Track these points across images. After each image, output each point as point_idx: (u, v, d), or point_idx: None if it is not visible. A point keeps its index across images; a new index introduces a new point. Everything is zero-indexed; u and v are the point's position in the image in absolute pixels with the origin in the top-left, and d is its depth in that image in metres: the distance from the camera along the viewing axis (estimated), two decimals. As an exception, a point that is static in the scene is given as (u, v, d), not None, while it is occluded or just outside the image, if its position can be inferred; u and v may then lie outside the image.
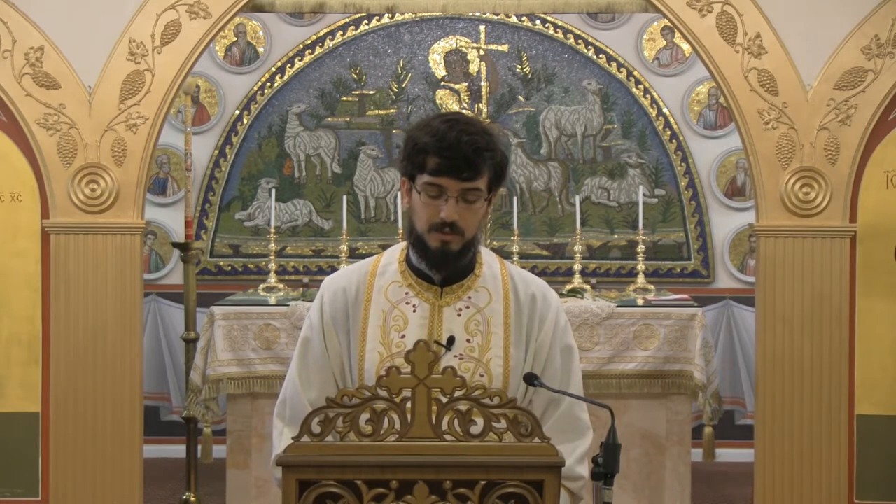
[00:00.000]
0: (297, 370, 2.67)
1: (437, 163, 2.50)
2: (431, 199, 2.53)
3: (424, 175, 2.52)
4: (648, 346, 5.38)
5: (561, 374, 2.66)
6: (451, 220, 2.51)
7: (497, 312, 2.63)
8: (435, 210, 2.53)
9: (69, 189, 4.73)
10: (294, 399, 2.64)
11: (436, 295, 2.63)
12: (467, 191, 2.52)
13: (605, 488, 2.26)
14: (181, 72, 4.78)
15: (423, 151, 2.52)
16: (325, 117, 7.32)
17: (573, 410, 2.63)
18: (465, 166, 2.49)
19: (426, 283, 2.64)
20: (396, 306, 2.63)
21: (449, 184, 2.51)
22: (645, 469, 5.40)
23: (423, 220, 2.56)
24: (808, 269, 4.72)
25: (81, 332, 4.73)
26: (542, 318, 2.66)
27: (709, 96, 7.27)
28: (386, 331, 2.61)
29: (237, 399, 5.42)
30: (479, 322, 2.61)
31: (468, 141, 2.48)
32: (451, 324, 2.61)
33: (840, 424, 4.72)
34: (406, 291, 2.64)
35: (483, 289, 2.65)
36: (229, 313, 5.42)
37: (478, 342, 2.60)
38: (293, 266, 7.26)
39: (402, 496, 2.13)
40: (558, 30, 7.27)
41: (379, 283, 2.66)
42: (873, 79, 4.70)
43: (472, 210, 2.55)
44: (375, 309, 2.63)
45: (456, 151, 2.48)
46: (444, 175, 2.50)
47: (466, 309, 2.62)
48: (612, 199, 7.29)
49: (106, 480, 4.73)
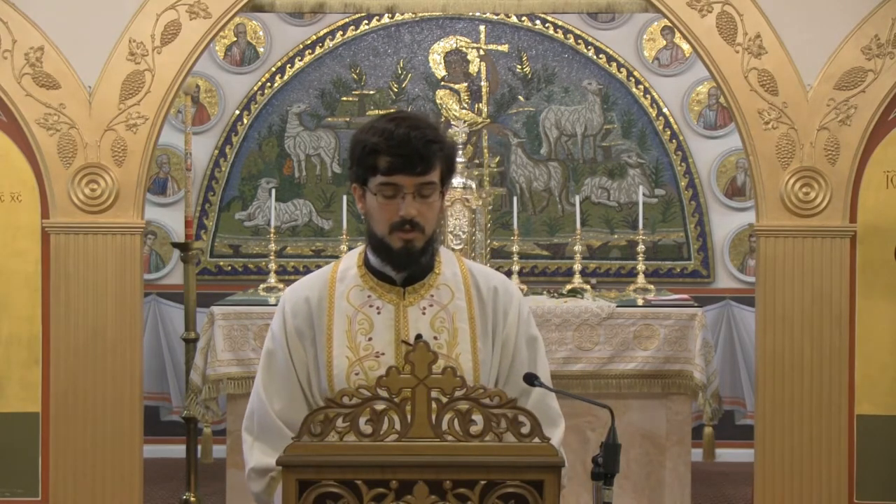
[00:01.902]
0: (262, 383, 2.66)
1: (389, 161, 2.50)
2: (388, 200, 2.53)
3: (378, 176, 2.53)
4: (648, 346, 5.38)
5: (528, 364, 2.67)
6: (410, 217, 2.52)
7: (461, 308, 2.64)
8: (393, 210, 2.53)
9: (69, 189, 4.73)
10: (260, 411, 2.63)
11: (398, 295, 2.64)
12: (422, 185, 2.52)
13: (605, 488, 2.26)
14: (181, 72, 4.78)
15: (373, 152, 2.52)
16: (325, 117, 7.31)
17: (545, 399, 2.65)
18: (418, 161, 2.50)
19: (388, 284, 2.65)
20: (360, 310, 2.63)
21: (403, 181, 2.51)
22: (645, 469, 5.40)
23: (383, 221, 2.56)
24: (808, 269, 4.72)
25: (81, 332, 4.73)
26: (506, 310, 2.68)
27: (709, 96, 7.27)
28: (352, 335, 2.61)
29: (237, 399, 5.41)
30: (444, 319, 2.63)
31: (417, 136, 2.49)
32: (417, 323, 2.62)
33: (840, 424, 4.73)
34: (368, 294, 2.64)
35: (445, 286, 2.66)
36: (229, 313, 5.42)
37: (445, 339, 2.61)
38: (293, 266, 7.26)
39: (402, 496, 2.13)
40: (558, 30, 7.26)
41: (340, 289, 2.66)
42: (873, 79, 4.70)
43: (429, 205, 2.55)
44: (339, 314, 2.63)
45: (406, 147, 2.49)
46: (397, 172, 2.51)
47: (430, 307, 2.64)
48: (612, 199, 7.28)
49: (106, 480, 4.73)
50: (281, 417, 2.60)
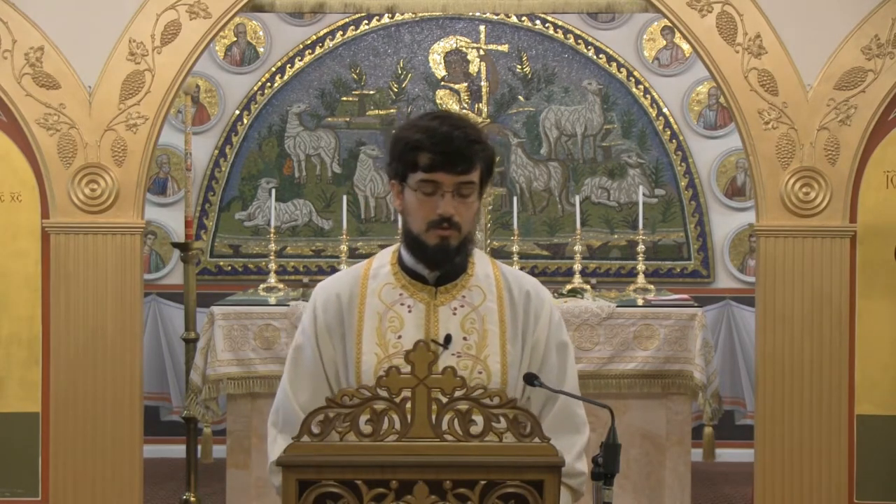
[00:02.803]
0: (288, 378, 2.67)
1: (431, 158, 2.50)
2: (427, 197, 2.53)
3: (418, 173, 2.52)
4: (648, 346, 5.38)
5: (557, 370, 2.67)
6: (448, 216, 2.51)
7: (492, 310, 2.64)
8: (431, 207, 2.53)
9: (69, 189, 4.73)
10: (285, 406, 2.63)
11: (430, 295, 2.64)
12: (462, 184, 2.52)
13: (605, 488, 2.26)
14: (181, 72, 4.78)
15: (415, 149, 2.51)
16: (325, 117, 7.32)
17: (570, 406, 2.64)
18: (459, 159, 2.50)
19: (420, 283, 2.64)
20: (391, 308, 2.63)
21: (444, 178, 2.51)
22: (645, 469, 5.40)
23: (420, 219, 2.55)
24: (808, 269, 4.72)
25: (81, 332, 4.73)
26: (537, 314, 2.67)
27: (709, 96, 7.27)
28: (382, 332, 2.60)
29: (237, 399, 5.42)
30: (475, 320, 2.62)
31: (460, 135, 2.50)
32: (447, 323, 2.61)
33: (840, 424, 4.72)
34: (400, 293, 2.64)
35: (476, 287, 2.66)
36: (229, 313, 5.42)
37: (474, 340, 2.61)
38: (293, 266, 7.26)
39: (402, 496, 2.13)
40: (558, 30, 7.27)
41: (372, 286, 2.66)
42: (873, 79, 4.70)
43: (467, 204, 2.55)
44: (370, 311, 2.63)
45: (449, 145, 2.49)
46: (438, 170, 2.50)
47: (461, 308, 2.63)
48: (612, 199, 7.28)
49: (106, 480, 4.73)
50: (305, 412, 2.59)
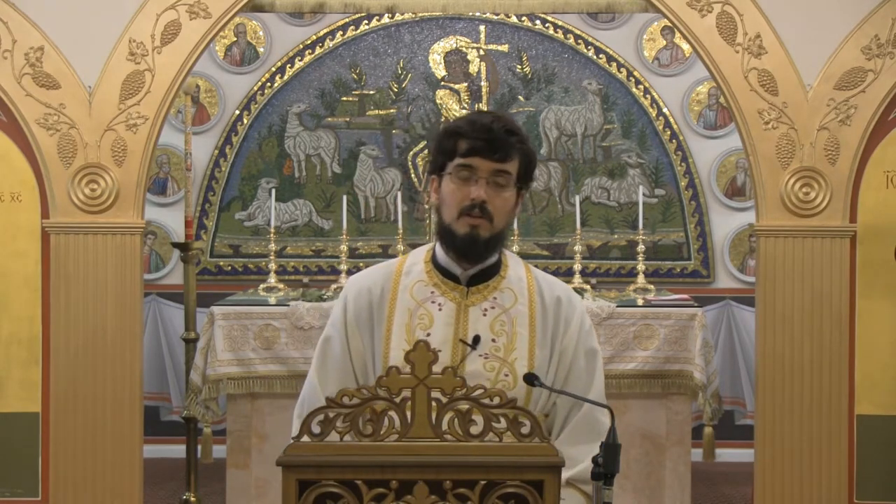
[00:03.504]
0: (315, 370, 2.69)
1: (469, 143, 2.55)
2: (462, 182, 2.56)
3: (456, 158, 2.57)
4: (648, 346, 5.38)
5: (585, 376, 2.67)
6: (480, 200, 2.54)
7: (522, 314, 2.65)
8: (465, 193, 2.56)
9: (69, 189, 4.73)
10: (311, 397, 2.65)
11: (462, 294, 2.65)
12: (498, 172, 2.56)
13: (605, 488, 2.26)
14: (181, 72, 4.78)
15: (455, 135, 2.58)
16: (325, 117, 7.32)
17: (594, 413, 2.63)
18: (497, 146, 2.54)
19: (452, 282, 2.66)
20: (422, 305, 2.64)
21: (480, 163, 2.55)
22: (645, 469, 5.40)
23: (453, 205, 2.58)
24: (808, 269, 4.72)
25: (81, 332, 4.73)
26: (568, 320, 2.68)
27: (709, 96, 7.27)
28: (411, 329, 2.62)
29: (237, 399, 5.42)
30: (505, 322, 2.63)
31: (499, 124, 2.56)
32: (477, 323, 2.62)
33: (840, 424, 4.72)
34: (432, 290, 2.66)
35: (508, 290, 2.67)
36: (229, 313, 5.42)
37: (503, 342, 2.62)
38: (293, 266, 7.26)
39: (402, 496, 2.13)
40: (558, 30, 7.27)
41: (404, 282, 2.68)
42: (873, 79, 4.70)
43: (502, 196, 2.58)
44: (401, 307, 2.65)
45: (488, 132, 2.55)
46: (475, 155, 2.55)
47: (492, 309, 2.64)
48: (612, 199, 7.29)
49: (106, 480, 4.73)
50: None
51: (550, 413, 2.68)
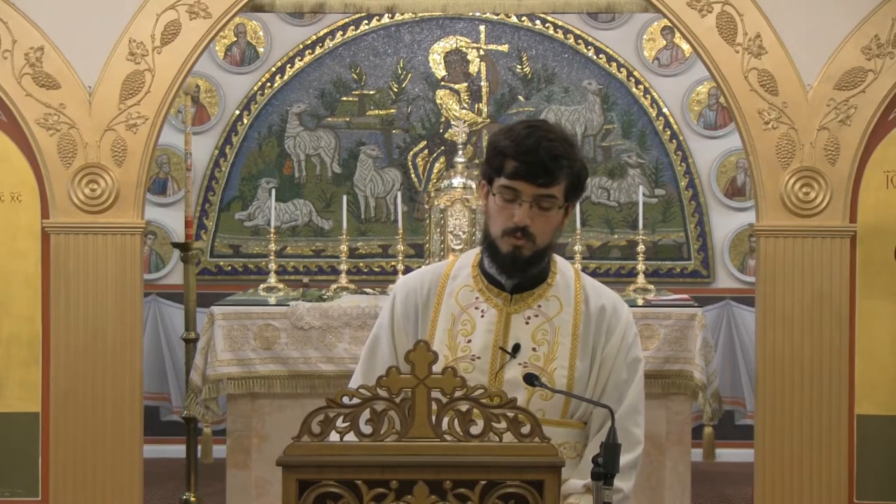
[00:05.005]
0: (361, 368, 2.72)
1: (515, 166, 2.53)
2: (506, 203, 2.56)
3: (501, 178, 2.55)
4: (648, 347, 5.37)
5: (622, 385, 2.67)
6: (523, 225, 2.53)
7: (566, 322, 2.65)
8: (509, 214, 2.55)
9: (69, 189, 4.73)
10: None
11: (505, 301, 2.65)
12: (542, 197, 2.54)
13: (605, 488, 2.26)
14: (181, 72, 4.78)
15: (501, 154, 2.55)
16: (325, 117, 7.32)
17: (625, 424, 2.64)
18: (541, 172, 2.52)
19: (497, 289, 2.66)
20: (466, 310, 2.65)
21: (524, 188, 2.53)
22: (645, 469, 5.39)
23: (498, 224, 2.58)
24: (808, 269, 4.72)
25: (81, 332, 4.73)
26: (611, 330, 2.68)
27: (709, 96, 7.27)
28: (453, 334, 2.63)
29: (237, 399, 5.42)
30: (547, 331, 2.63)
31: (546, 147, 2.51)
32: (518, 331, 2.63)
33: (840, 424, 4.72)
34: (476, 296, 2.66)
35: (554, 298, 2.67)
36: (229, 313, 5.42)
37: (543, 351, 2.62)
38: (293, 266, 7.26)
39: (402, 496, 2.13)
40: (558, 30, 7.27)
41: (451, 287, 2.69)
42: (873, 79, 4.69)
43: (546, 217, 2.57)
44: (445, 311, 2.66)
45: (533, 156, 2.51)
46: (519, 179, 2.53)
47: (535, 318, 2.64)
48: (612, 199, 7.28)
49: (106, 480, 4.73)
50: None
51: (588, 421, 2.69)
